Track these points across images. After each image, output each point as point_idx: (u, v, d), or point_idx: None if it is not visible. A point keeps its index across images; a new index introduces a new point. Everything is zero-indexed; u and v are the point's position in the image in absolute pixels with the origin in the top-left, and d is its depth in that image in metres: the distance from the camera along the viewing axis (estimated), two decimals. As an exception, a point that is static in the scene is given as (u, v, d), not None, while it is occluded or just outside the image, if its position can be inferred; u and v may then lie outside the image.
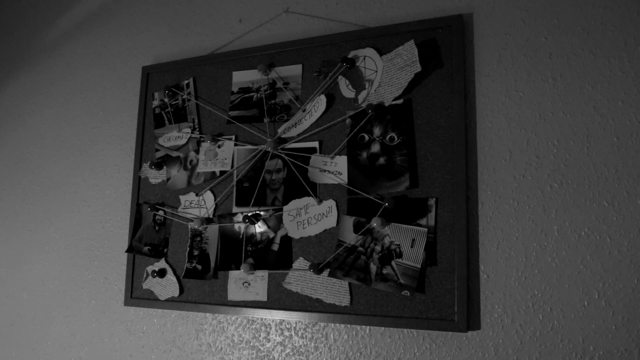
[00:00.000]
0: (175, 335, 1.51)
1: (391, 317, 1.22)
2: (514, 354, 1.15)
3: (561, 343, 1.11)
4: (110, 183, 1.70)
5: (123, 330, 1.61)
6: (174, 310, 1.51)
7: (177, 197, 1.52)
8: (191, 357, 1.48)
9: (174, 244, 1.51)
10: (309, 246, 1.33)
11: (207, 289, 1.44)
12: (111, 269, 1.65)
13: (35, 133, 1.91)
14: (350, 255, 1.27)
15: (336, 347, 1.31)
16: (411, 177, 1.24)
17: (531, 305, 1.14)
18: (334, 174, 1.32)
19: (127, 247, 1.59)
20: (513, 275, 1.16)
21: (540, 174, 1.17)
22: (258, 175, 1.41)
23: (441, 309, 1.18)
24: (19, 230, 1.88)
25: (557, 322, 1.12)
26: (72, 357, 1.69)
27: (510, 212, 1.18)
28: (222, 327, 1.45)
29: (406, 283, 1.20)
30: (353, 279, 1.25)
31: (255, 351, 1.40)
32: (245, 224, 1.40)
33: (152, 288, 1.52)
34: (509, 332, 1.15)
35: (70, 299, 1.72)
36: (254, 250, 1.38)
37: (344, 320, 1.26)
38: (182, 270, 1.48)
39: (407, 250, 1.21)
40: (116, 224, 1.66)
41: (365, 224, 1.26)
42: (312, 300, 1.31)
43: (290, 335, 1.36)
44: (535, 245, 1.15)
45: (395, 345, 1.25)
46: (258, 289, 1.37)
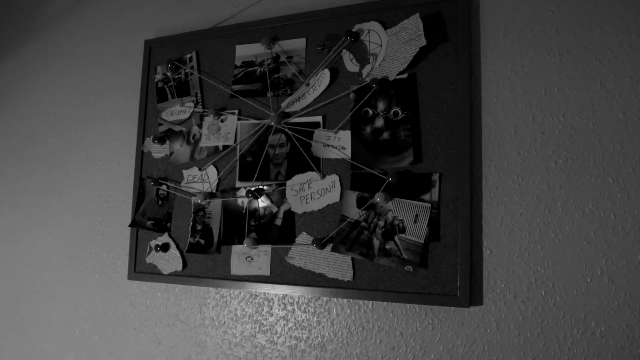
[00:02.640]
0: (179, 309, 1.52)
1: (394, 292, 1.23)
2: (516, 329, 1.15)
3: (563, 319, 1.12)
4: (113, 157, 1.70)
5: (127, 304, 1.62)
6: (177, 285, 1.52)
7: (180, 172, 1.52)
8: (194, 331, 1.49)
9: (177, 218, 1.51)
10: (312, 221, 1.32)
11: (210, 264, 1.44)
12: (114, 243, 1.66)
13: (37, 107, 1.90)
14: (353, 230, 1.27)
15: (339, 322, 1.32)
16: (415, 152, 1.24)
17: (534, 281, 1.14)
18: (337, 148, 1.31)
19: (130, 222, 1.59)
20: (516, 251, 1.16)
21: (545, 150, 1.16)
22: (261, 150, 1.40)
23: (444, 284, 1.19)
24: (23, 204, 1.88)
25: (559, 298, 1.12)
26: (77, 331, 1.70)
27: (514, 187, 1.17)
28: (225, 301, 1.46)
29: (409, 258, 1.20)
30: (356, 254, 1.26)
31: (258, 325, 1.41)
32: (248, 199, 1.40)
33: (155, 262, 1.53)
34: (511, 307, 1.16)
35: (74, 273, 1.73)
36: (257, 225, 1.38)
37: (347, 295, 1.27)
38: (185, 244, 1.48)
39: (411, 226, 1.21)
40: (119, 198, 1.66)
41: (368, 199, 1.26)
42: (315, 275, 1.31)
43: (293, 309, 1.37)
44: (539, 221, 1.15)
45: (398, 320, 1.25)
46: (261, 264, 1.37)
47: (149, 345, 1.56)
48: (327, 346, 1.32)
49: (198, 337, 1.49)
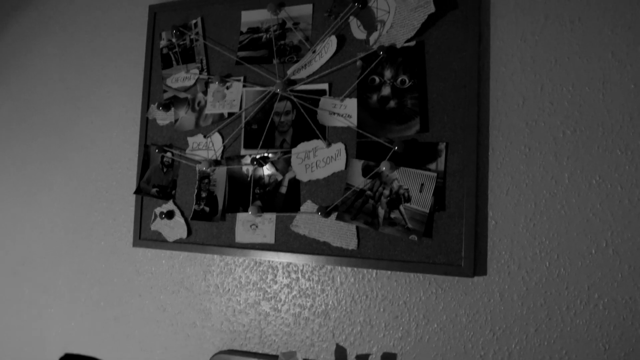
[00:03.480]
0: (184, 276, 1.53)
1: (398, 261, 1.23)
2: (519, 299, 1.15)
3: (566, 290, 1.12)
4: (118, 124, 1.69)
5: (132, 270, 1.63)
6: (182, 252, 1.52)
7: (185, 139, 1.51)
8: (199, 298, 1.51)
9: (181, 185, 1.51)
10: (317, 189, 1.32)
11: (215, 231, 1.45)
12: (119, 211, 1.66)
13: (41, 74, 1.89)
14: (358, 199, 1.26)
15: (342, 290, 1.32)
16: (422, 121, 1.22)
17: (538, 252, 1.14)
18: (343, 116, 1.30)
19: (135, 189, 1.59)
20: (521, 221, 1.16)
21: (553, 120, 1.15)
22: (267, 118, 1.39)
23: (448, 254, 1.19)
24: (28, 171, 1.88)
25: (563, 270, 1.12)
26: (83, 297, 1.72)
27: (521, 158, 1.17)
28: (229, 268, 1.46)
29: (414, 227, 1.20)
30: (361, 222, 1.26)
31: (262, 293, 1.42)
32: (253, 167, 1.40)
33: (160, 229, 1.53)
34: (515, 278, 1.16)
35: (80, 239, 1.74)
36: (261, 193, 1.38)
37: (351, 264, 1.27)
38: (190, 212, 1.48)
39: (416, 195, 1.21)
40: (124, 165, 1.66)
41: (374, 168, 1.25)
42: (320, 244, 1.31)
43: (297, 277, 1.37)
44: (545, 193, 1.14)
45: (402, 289, 1.26)
46: (265, 232, 1.37)
47: (154, 312, 1.58)
48: (330, 314, 1.33)
49: (202, 304, 1.50)
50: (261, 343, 1.41)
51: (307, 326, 1.36)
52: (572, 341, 1.11)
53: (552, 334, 1.13)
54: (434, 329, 1.22)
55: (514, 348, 1.15)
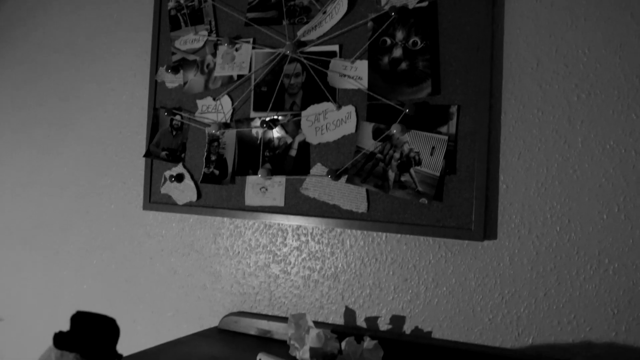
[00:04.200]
0: (194, 239, 1.54)
1: (408, 224, 1.23)
2: (529, 264, 1.15)
3: (577, 255, 1.11)
4: (126, 88, 1.68)
5: (142, 234, 1.64)
6: (192, 215, 1.53)
7: (194, 102, 1.51)
8: (209, 261, 1.52)
9: (191, 148, 1.50)
10: (327, 152, 1.32)
11: (225, 194, 1.45)
12: (129, 174, 1.66)
13: (48, 38, 1.88)
14: (368, 162, 1.26)
15: (352, 253, 1.33)
16: (433, 83, 1.21)
17: (549, 216, 1.13)
18: (354, 78, 1.29)
19: (144, 152, 1.59)
20: (533, 186, 1.15)
21: (568, 83, 1.13)
22: (276, 80, 1.38)
23: (458, 217, 1.18)
24: (37, 135, 1.88)
25: (574, 234, 1.12)
26: (94, 260, 1.74)
27: (534, 122, 1.15)
28: (239, 231, 1.47)
29: (424, 191, 1.20)
30: (371, 185, 1.25)
31: (272, 255, 1.42)
32: (262, 129, 1.39)
33: (170, 193, 1.54)
34: (525, 242, 1.15)
35: (90, 203, 1.75)
36: (271, 156, 1.38)
37: (361, 227, 1.27)
38: (200, 175, 1.48)
39: (427, 158, 1.20)
40: (133, 129, 1.66)
41: (384, 131, 1.25)
42: (329, 207, 1.31)
43: (307, 240, 1.38)
44: (558, 157, 1.13)
45: (411, 252, 1.26)
46: (275, 195, 1.37)
47: (165, 274, 1.59)
48: (340, 277, 1.34)
49: (213, 267, 1.51)
50: (271, 305, 1.42)
51: (317, 289, 1.36)
52: (581, 306, 1.11)
53: (561, 298, 1.13)
54: (443, 292, 1.23)
55: (523, 312, 1.16)
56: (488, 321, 1.19)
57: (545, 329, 1.14)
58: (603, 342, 1.10)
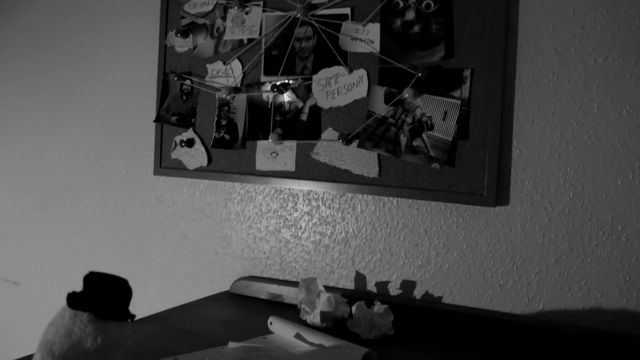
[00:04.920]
0: (205, 204, 1.55)
1: (419, 189, 1.22)
2: (541, 230, 1.14)
3: (589, 221, 1.11)
4: (136, 53, 1.67)
5: (153, 199, 1.64)
6: (202, 180, 1.53)
7: (204, 66, 1.49)
8: (220, 225, 1.52)
9: (201, 113, 1.50)
10: (338, 116, 1.31)
11: (236, 159, 1.45)
12: (140, 139, 1.66)
13: (57, 3, 1.86)
14: (380, 127, 1.25)
15: (363, 218, 1.32)
16: (447, 46, 1.19)
17: (562, 182, 1.12)
18: (365, 42, 1.27)
19: (154, 117, 1.58)
20: (546, 151, 1.13)
21: (585, 47, 1.11)
22: (287, 43, 1.37)
23: (470, 183, 1.18)
24: (47, 101, 1.88)
25: (587, 201, 1.11)
26: (106, 225, 1.75)
27: (549, 86, 1.13)
28: (250, 196, 1.47)
29: (436, 156, 1.19)
30: (382, 150, 1.25)
31: (283, 220, 1.43)
32: (273, 94, 1.38)
33: (180, 158, 1.54)
34: (537, 208, 1.15)
35: (101, 169, 1.76)
36: (282, 120, 1.37)
37: (372, 192, 1.27)
38: (210, 140, 1.48)
39: (439, 123, 1.19)
40: (143, 93, 1.65)
41: (396, 95, 1.23)
42: (340, 171, 1.31)
43: (318, 205, 1.38)
44: (572, 122, 1.11)
45: (422, 218, 1.26)
46: (286, 159, 1.37)
47: (176, 239, 1.60)
48: (350, 242, 1.34)
49: (224, 232, 1.52)
50: (281, 270, 1.43)
51: (327, 253, 1.37)
52: (593, 272, 1.11)
53: (572, 265, 1.12)
54: (454, 258, 1.23)
55: (534, 278, 1.15)
56: (499, 287, 1.19)
57: (556, 295, 1.14)
58: (614, 308, 1.10)
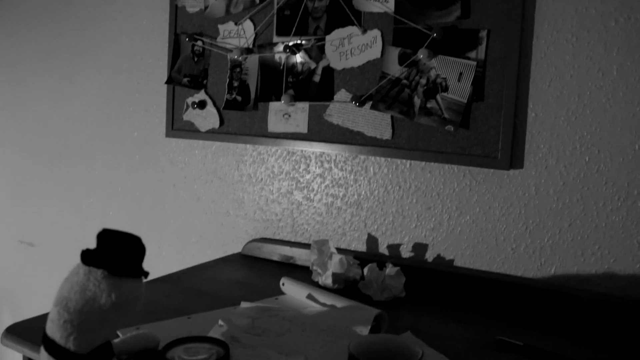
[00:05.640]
0: (217, 166, 1.55)
1: (432, 151, 1.21)
2: (555, 194, 1.13)
3: (605, 186, 1.09)
4: (146, 13, 1.65)
5: (165, 161, 1.65)
6: (214, 142, 1.53)
7: (216, 27, 1.48)
8: (232, 187, 1.52)
9: (213, 75, 1.49)
10: (351, 78, 1.29)
11: (247, 121, 1.44)
12: (151, 101, 1.66)
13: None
14: (393, 88, 1.24)
15: (375, 180, 1.32)
16: (463, 6, 1.17)
17: (578, 146, 1.11)
18: (380, 1, 1.25)
19: (166, 79, 1.57)
20: (563, 114, 1.12)
21: (606, 7, 1.08)
22: (300, 3, 1.35)
23: (484, 145, 1.16)
24: (59, 64, 1.88)
25: (603, 165, 1.09)
26: (119, 187, 1.76)
27: (568, 47, 1.11)
28: (262, 158, 1.47)
29: (450, 118, 1.18)
30: (396, 112, 1.23)
31: (295, 182, 1.42)
32: (286, 54, 1.37)
33: (192, 120, 1.53)
34: (552, 172, 1.13)
35: (113, 131, 1.76)
36: (294, 82, 1.36)
37: (385, 154, 1.26)
38: (222, 101, 1.47)
39: (454, 84, 1.17)
40: (154, 55, 1.64)
41: (411, 56, 1.22)
42: (353, 133, 1.30)
43: (330, 167, 1.37)
44: (590, 85, 1.09)
45: (435, 180, 1.25)
46: (298, 121, 1.36)
47: (189, 201, 1.61)
48: (363, 204, 1.34)
49: (236, 194, 1.52)
50: (293, 232, 1.44)
51: (340, 216, 1.37)
52: (607, 237, 1.10)
53: (586, 229, 1.11)
54: (467, 221, 1.22)
55: (546, 242, 1.15)
56: (511, 250, 1.18)
57: (569, 259, 1.13)
58: (627, 273, 1.09)
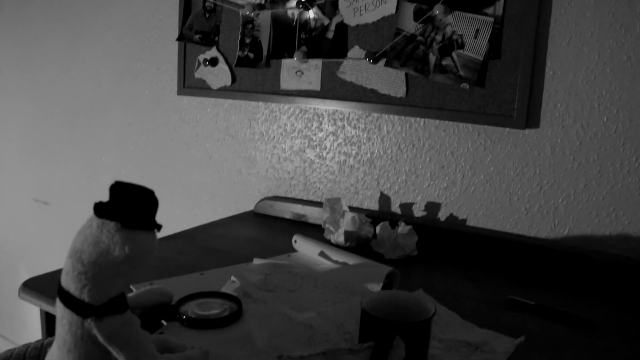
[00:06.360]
0: (229, 124, 1.54)
1: (447, 110, 1.20)
2: (571, 154, 1.12)
3: (622, 147, 1.07)
4: (158, -32, 1.63)
5: (177, 119, 1.64)
6: (226, 100, 1.52)
7: (228, -18, 1.45)
8: (244, 145, 1.52)
9: (225, 31, 1.47)
10: (365, 34, 1.27)
11: (260, 78, 1.42)
12: (163, 59, 1.64)
13: None
14: (408, 45, 1.22)
15: (389, 139, 1.31)
16: (482, -41, 1.14)
17: (597, 105, 1.09)
18: (396, -46, 1.22)
19: (177, 36, 1.55)
20: (582, 73, 1.09)
21: (630, -40, 1.04)
22: (314, -44, 1.32)
23: (500, 104, 1.14)
24: (70, 22, 1.86)
25: (621, 125, 1.07)
26: (131, 145, 1.76)
27: (589, 3, 1.08)
28: (274, 116, 1.46)
29: (466, 75, 1.16)
30: (410, 69, 1.22)
31: (307, 140, 1.42)
32: (299, 10, 1.34)
33: (204, 77, 1.52)
34: (568, 132, 1.12)
35: (125, 89, 1.75)
36: (307, 38, 1.34)
37: (398, 112, 1.25)
38: (234, 58, 1.46)
39: (470, 41, 1.15)
40: (165, 12, 1.62)
41: (426, 12, 1.19)
42: (367, 91, 1.29)
43: (343, 125, 1.36)
44: (612, 42, 1.06)
45: (449, 139, 1.24)
46: (311, 78, 1.35)
47: (201, 159, 1.61)
48: (376, 162, 1.33)
49: (248, 152, 1.52)
50: (305, 190, 1.44)
51: (352, 174, 1.36)
52: (622, 199, 1.09)
53: (601, 190, 1.10)
54: (480, 181, 1.21)
55: (561, 203, 1.14)
56: (524, 211, 1.18)
57: (583, 220, 1.12)
58: (641, 235, 1.08)
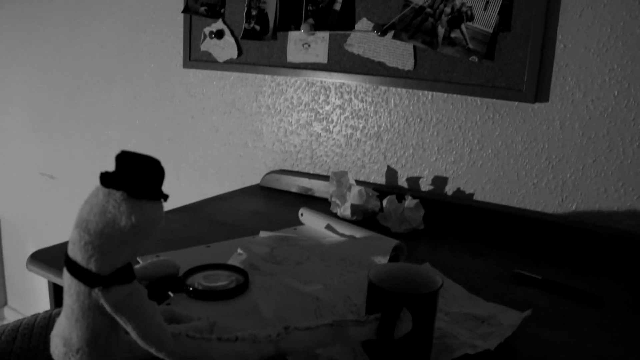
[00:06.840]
0: (235, 97, 1.53)
1: (455, 83, 1.18)
2: (580, 129, 1.11)
3: (633, 121, 1.06)
4: (163, -62, 1.61)
5: (183, 92, 1.63)
6: (232, 72, 1.51)
7: (234, -48, 1.43)
8: (251, 119, 1.51)
9: (231, 3, 1.45)
10: (373, 6, 1.25)
11: (266, 51, 1.41)
12: (168, 31, 1.63)
13: None
14: (417, 17, 1.20)
15: (396, 112, 1.30)
16: None
17: (607, 80, 1.07)
18: None
19: (183, 8, 1.54)
20: (593, 46, 1.07)
21: None
22: None
23: (509, 77, 1.13)
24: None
25: (632, 100, 1.06)
26: (137, 119, 1.76)
27: (602, -26, 1.06)
28: (281, 89, 1.45)
29: (475, 48, 1.14)
30: (418, 42, 1.20)
31: (314, 113, 1.41)
32: (306, -19, 1.33)
33: (210, 50, 1.51)
34: (578, 106, 1.10)
35: (130, 62, 1.74)
36: (314, 10, 1.33)
37: (406, 85, 1.24)
38: (240, 31, 1.44)
39: (479, 13, 1.13)
40: (171, -17, 1.60)
41: (436, -18, 1.17)
42: (374, 64, 1.27)
43: (350, 98, 1.35)
44: (625, 15, 1.04)
45: (457, 113, 1.23)
46: (318, 51, 1.33)
47: (207, 133, 1.61)
48: (383, 136, 1.32)
49: (254, 125, 1.51)
50: (312, 163, 1.43)
51: (359, 147, 1.36)
52: (631, 174, 1.08)
53: (610, 165, 1.09)
54: (488, 155, 1.21)
55: (569, 178, 1.13)
56: (532, 185, 1.17)
57: (591, 195, 1.12)
58: (650, 211, 1.08)
